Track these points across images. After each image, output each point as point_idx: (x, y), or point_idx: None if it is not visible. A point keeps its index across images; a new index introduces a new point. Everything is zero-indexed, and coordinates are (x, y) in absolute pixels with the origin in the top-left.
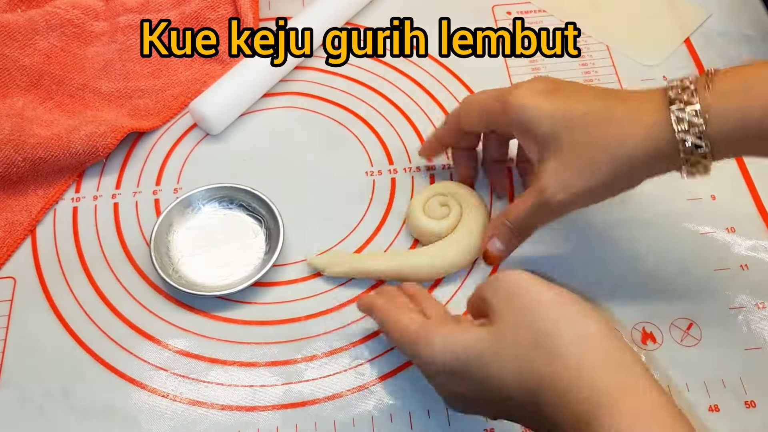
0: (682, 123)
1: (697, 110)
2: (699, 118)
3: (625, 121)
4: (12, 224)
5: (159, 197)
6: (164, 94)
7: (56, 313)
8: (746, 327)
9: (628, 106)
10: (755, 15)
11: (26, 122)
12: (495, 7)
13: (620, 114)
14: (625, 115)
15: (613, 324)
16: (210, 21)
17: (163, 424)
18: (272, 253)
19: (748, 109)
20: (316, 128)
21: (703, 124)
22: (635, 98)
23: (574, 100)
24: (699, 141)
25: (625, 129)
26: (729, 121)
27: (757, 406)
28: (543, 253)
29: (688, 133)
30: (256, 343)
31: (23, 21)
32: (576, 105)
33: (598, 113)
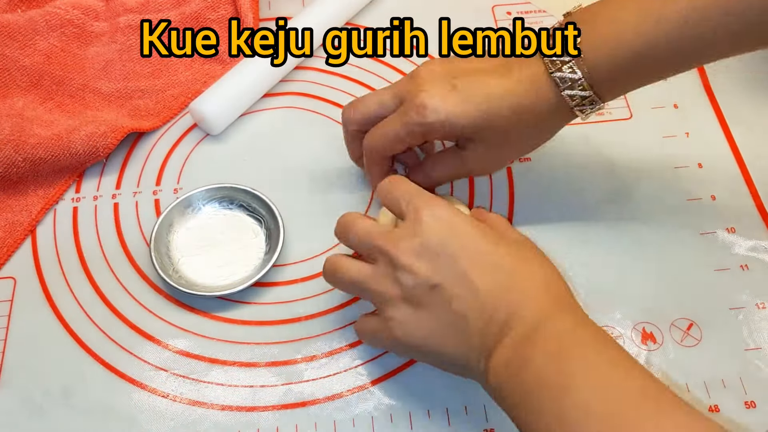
0: (564, 82)
1: (573, 67)
2: (577, 73)
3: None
4: (12, 224)
5: (159, 197)
6: (164, 94)
7: (56, 313)
8: (746, 327)
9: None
10: None
11: (26, 122)
12: (495, 7)
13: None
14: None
15: None
16: (210, 21)
17: (163, 424)
18: (272, 253)
19: (618, 54)
20: (316, 128)
21: (582, 78)
22: (517, 64)
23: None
24: (584, 93)
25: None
26: (604, 67)
27: (757, 406)
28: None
29: (574, 89)
30: (256, 344)
31: (23, 21)
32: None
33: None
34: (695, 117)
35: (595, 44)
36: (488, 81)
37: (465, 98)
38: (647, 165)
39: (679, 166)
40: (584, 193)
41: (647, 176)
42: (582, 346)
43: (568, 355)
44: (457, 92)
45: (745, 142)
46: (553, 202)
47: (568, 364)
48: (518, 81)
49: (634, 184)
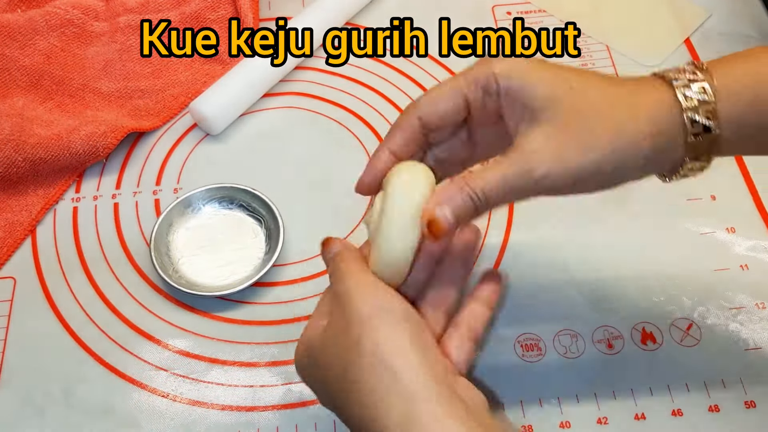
0: (689, 101)
1: (705, 88)
2: (708, 96)
3: (633, 96)
4: (12, 224)
5: (159, 197)
6: (164, 94)
7: (56, 313)
8: (746, 327)
9: (631, 83)
10: (755, 15)
11: (26, 122)
12: (495, 7)
13: (628, 89)
14: (632, 89)
15: None
16: (210, 21)
17: (163, 424)
18: (272, 253)
19: (760, 87)
20: (316, 128)
21: (713, 101)
22: (634, 78)
23: (572, 71)
24: (708, 122)
25: (633, 103)
26: (742, 99)
27: (757, 406)
28: (541, 254)
29: (698, 112)
30: (256, 343)
31: (23, 21)
32: (577, 75)
33: (602, 85)
34: None
35: (733, 73)
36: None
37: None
38: None
39: None
40: None
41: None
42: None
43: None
44: (544, 63)
45: None
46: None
47: None
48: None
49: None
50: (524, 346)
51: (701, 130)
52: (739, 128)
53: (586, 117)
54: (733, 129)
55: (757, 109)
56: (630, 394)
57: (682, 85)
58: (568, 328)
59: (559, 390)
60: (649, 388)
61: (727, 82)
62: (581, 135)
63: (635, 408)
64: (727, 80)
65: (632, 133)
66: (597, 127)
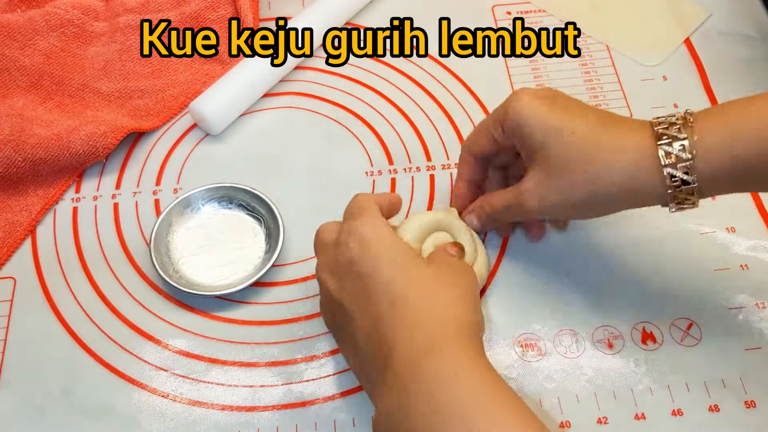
0: (669, 158)
1: (685, 145)
2: (687, 153)
3: (610, 152)
4: (12, 224)
5: (159, 197)
6: (164, 94)
7: (56, 313)
8: (746, 327)
9: (617, 134)
10: (755, 15)
11: (26, 122)
12: (495, 7)
13: (608, 142)
14: (612, 144)
15: None
16: (210, 21)
17: (163, 424)
18: (272, 253)
19: (735, 144)
20: (316, 128)
21: (691, 159)
22: (625, 126)
23: (570, 115)
24: (686, 176)
25: (608, 160)
26: (716, 155)
27: (757, 406)
28: (542, 254)
29: (676, 169)
30: (256, 343)
31: (23, 21)
32: (570, 121)
33: (588, 135)
34: None
35: (713, 129)
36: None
37: (554, 107)
38: None
39: None
40: None
41: None
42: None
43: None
44: (551, 105)
45: None
46: None
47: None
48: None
49: None
50: (524, 346)
51: (680, 183)
52: (714, 180)
53: (567, 166)
54: (709, 180)
55: (733, 163)
56: (630, 394)
57: (665, 143)
58: (568, 328)
59: (559, 390)
60: (649, 388)
61: (705, 137)
62: (562, 183)
63: (635, 408)
64: (705, 135)
65: (607, 185)
66: (576, 176)
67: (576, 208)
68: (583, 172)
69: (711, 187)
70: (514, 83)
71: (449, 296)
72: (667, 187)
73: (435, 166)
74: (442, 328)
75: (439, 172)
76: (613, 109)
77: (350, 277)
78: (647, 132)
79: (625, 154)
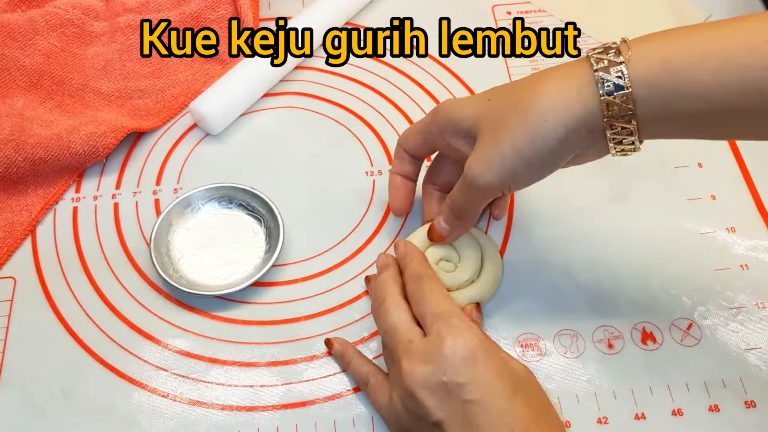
0: (607, 84)
1: (623, 71)
2: (623, 80)
3: (541, 88)
4: (12, 224)
5: (159, 197)
6: (164, 94)
7: (56, 313)
8: (746, 327)
9: (548, 77)
10: None
11: (26, 122)
12: (495, 7)
13: (540, 85)
14: (544, 84)
15: None
16: (210, 21)
17: (163, 424)
18: (272, 253)
19: (669, 62)
20: (316, 128)
21: (627, 83)
22: (557, 70)
23: (497, 90)
24: (619, 80)
25: (540, 94)
26: (646, 60)
27: (757, 406)
28: (543, 254)
29: (608, 72)
30: (256, 343)
31: (23, 21)
32: (496, 92)
33: (516, 89)
34: None
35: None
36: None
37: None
38: (647, 165)
39: (679, 166)
40: (584, 192)
41: (647, 176)
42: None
43: None
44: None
45: (745, 142)
46: (552, 202)
47: None
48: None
49: (634, 184)
50: (524, 346)
51: (612, 89)
52: (651, 89)
53: (502, 120)
54: (647, 90)
55: (667, 69)
56: (630, 394)
57: (602, 68)
58: (568, 328)
59: (559, 390)
60: (649, 388)
61: (638, 48)
62: (499, 142)
63: (635, 408)
64: (638, 47)
65: (544, 124)
66: (512, 127)
67: (522, 162)
68: (517, 118)
69: (650, 123)
70: None
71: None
72: (604, 117)
73: None
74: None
75: None
76: None
77: (455, 399)
78: (582, 64)
79: (558, 88)
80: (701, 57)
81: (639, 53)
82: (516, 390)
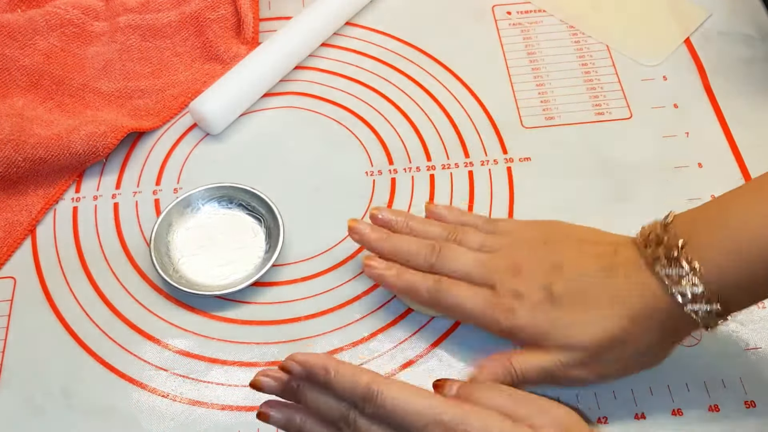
0: (684, 298)
1: (695, 281)
2: (699, 287)
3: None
4: (12, 224)
5: (159, 197)
6: (164, 94)
7: (56, 313)
8: (746, 327)
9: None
10: (755, 15)
11: (26, 122)
12: (495, 7)
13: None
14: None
15: None
16: (210, 21)
17: (163, 424)
18: (272, 253)
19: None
20: (316, 128)
21: (705, 292)
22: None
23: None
24: (708, 306)
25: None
26: (727, 273)
27: (757, 406)
28: None
29: (696, 302)
30: (256, 343)
31: (23, 21)
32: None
33: None
34: (695, 117)
35: (717, 250)
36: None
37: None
38: (647, 165)
39: (679, 166)
40: (584, 193)
41: (647, 176)
42: None
43: None
44: (553, 310)
45: (745, 142)
46: (552, 201)
47: None
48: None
49: (634, 184)
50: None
51: (695, 305)
52: (735, 294)
53: None
54: (729, 296)
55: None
56: (630, 394)
57: (673, 284)
58: None
59: (559, 390)
60: (649, 388)
61: (710, 258)
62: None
63: (635, 408)
64: (709, 257)
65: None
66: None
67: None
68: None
69: (732, 301)
70: (514, 83)
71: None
72: (690, 314)
73: (435, 166)
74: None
75: (439, 172)
76: (613, 109)
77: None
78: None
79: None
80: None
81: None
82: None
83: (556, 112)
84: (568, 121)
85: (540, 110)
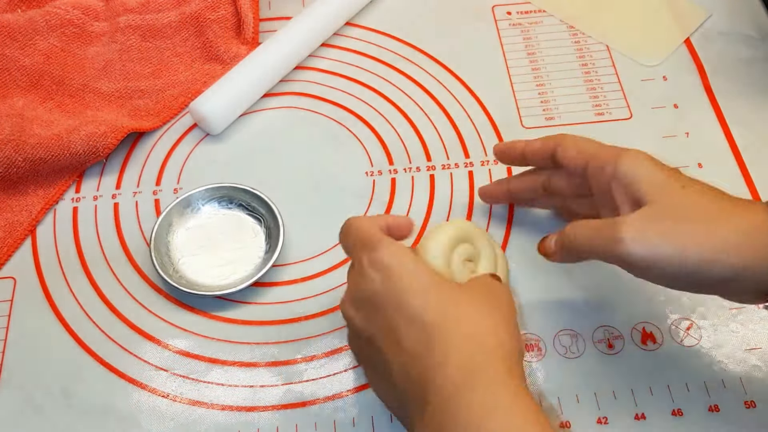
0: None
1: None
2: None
3: (731, 209)
4: (12, 224)
5: (159, 197)
6: (164, 94)
7: (56, 313)
8: (746, 327)
9: (732, 199)
10: (755, 15)
11: (26, 122)
12: (495, 7)
13: (725, 202)
14: (731, 203)
15: None
16: (210, 21)
17: (163, 424)
18: (272, 253)
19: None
20: (316, 128)
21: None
22: (737, 198)
23: (679, 173)
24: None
25: (729, 215)
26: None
27: (757, 406)
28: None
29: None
30: (256, 343)
31: (23, 21)
32: (684, 176)
33: (708, 190)
34: (695, 117)
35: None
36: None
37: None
38: None
39: (679, 166)
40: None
41: None
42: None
43: None
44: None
45: (745, 142)
46: None
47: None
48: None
49: None
50: (524, 346)
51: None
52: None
53: (684, 215)
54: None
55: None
56: (630, 394)
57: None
58: (568, 328)
59: (559, 390)
60: (649, 388)
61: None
62: (672, 227)
63: (635, 408)
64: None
65: (720, 239)
66: (690, 225)
67: (674, 258)
68: (702, 221)
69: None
70: (514, 83)
71: (488, 323)
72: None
73: (435, 166)
74: (482, 358)
75: (439, 172)
76: (613, 109)
77: (377, 310)
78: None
79: (749, 216)
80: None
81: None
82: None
83: (556, 113)
84: (568, 121)
85: (540, 110)
